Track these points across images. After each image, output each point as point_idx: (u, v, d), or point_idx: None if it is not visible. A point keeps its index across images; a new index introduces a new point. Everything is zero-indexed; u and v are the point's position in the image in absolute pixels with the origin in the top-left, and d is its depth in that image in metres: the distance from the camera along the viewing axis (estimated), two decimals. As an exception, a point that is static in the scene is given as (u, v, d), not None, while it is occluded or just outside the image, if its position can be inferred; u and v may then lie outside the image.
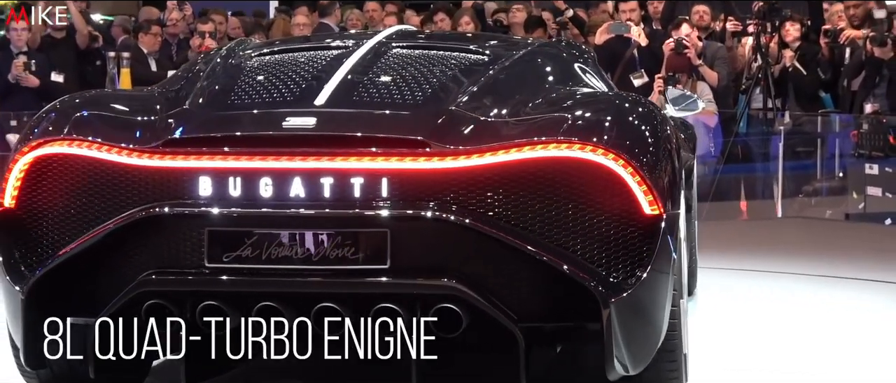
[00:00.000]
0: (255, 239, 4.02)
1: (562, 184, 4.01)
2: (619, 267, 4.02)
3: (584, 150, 3.99)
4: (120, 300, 4.07)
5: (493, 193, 4.01)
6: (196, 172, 4.07)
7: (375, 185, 4.01)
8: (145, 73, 12.00)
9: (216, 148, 4.07)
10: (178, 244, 4.08)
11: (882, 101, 11.07)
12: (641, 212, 4.00)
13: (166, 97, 4.49)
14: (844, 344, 5.76)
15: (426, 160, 4.01)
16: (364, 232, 4.01)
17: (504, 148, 4.01)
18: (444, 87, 4.37)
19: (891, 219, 10.70)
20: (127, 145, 4.14)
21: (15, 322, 4.23)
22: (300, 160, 4.02)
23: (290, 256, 4.02)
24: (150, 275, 4.07)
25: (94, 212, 4.17)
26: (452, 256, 4.01)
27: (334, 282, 4.02)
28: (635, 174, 3.98)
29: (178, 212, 4.05)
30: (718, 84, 11.12)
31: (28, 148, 4.24)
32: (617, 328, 3.96)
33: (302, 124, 4.07)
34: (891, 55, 10.87)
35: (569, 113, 4.16)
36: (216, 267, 4.04)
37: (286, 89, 4.37)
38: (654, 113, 4.30)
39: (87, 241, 4.13)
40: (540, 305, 4.06)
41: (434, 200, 4.00)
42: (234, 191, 4.04)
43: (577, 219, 4.01)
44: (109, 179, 4.16)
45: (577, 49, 5.41)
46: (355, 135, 4.06)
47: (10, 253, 4.24)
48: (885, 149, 10.66)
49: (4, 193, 4.26)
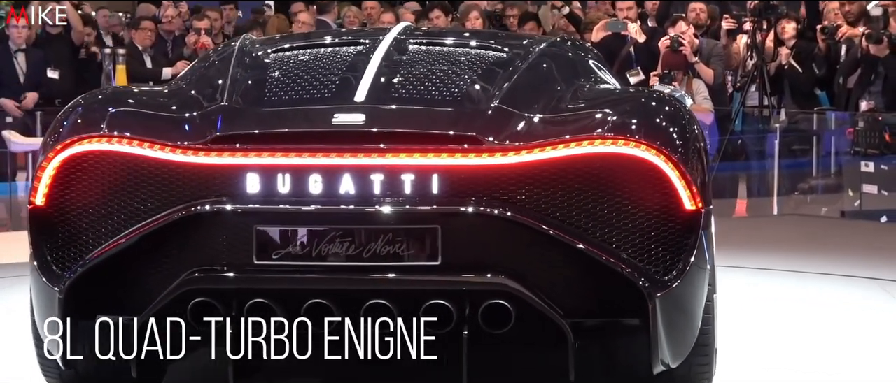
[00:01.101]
0: (304, 236, 4.02)
1: (608, 179, 4.05)
2: (662, 262, 4.06)
3: (628, 146, 4.03)
4: (165, 298, 4.03)
5: (542, 189, 4.04)
6: (245, 169, 4.04)
7: (426, 181, 4.02)
8: (141, 70, 12.00)
9: (265, 144, 4.04)
10: (224, 242, 4.05)
11: (878, 99, 11.08)
12: (683, 208, 4.05)
13: (193, 94, 4.44)
14: (839, 341, 5.77)
15: (477, 156, 4.02)
16: (415, 228, 4.01)
17: (552, 144, 4.03)
18: (481, 84, 4.39)
19: (886, 216, 10.72)
20: (171, 142, 4.10)
21: (45, 320, 4.17)
22: (350, 156, 4.02)
23: (340, 253, 4.01)
24: (196, 272, 4.04)
25: (134, 210, 4.12)
26: (502, 252, 4.03)
27: (385, 278, 4.01)
28: (677, 170, 4.03)
29: (227, 209, 4.02)
30: (714, 81, 11.12)
31: (61, 145, 4.17)
32: (660, 322, 4.00)
33: (352, 120, 4.08)
34: (886, 53, 10.88)
35: (610, 109, 4.19)
36: (265, 264, 4.02)
37: (323, 85, 4.36)
38: (685, 110, 4.37)
39: (129, 239, 4.08)
40: (583, 301, 4.09)
41: (485, 196, 4.01)
42: (283, 188, 4.03)
43: (621, 214, 4.05)
44: (152, 176, 4.11)
45: (582, 47, 5.43)
46: (408, 131, 4.07)
47: (43, 252, 4.19)
48: (880, 146, 10.67)
49: (36, 192, 4.20)
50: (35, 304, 4.26)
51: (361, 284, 4.02)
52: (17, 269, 7.83)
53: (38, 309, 4.24)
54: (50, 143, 4.23)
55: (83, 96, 4.53)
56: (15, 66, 11.57)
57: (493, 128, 4.08)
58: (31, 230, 4.21)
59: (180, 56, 12.27)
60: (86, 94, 4.58)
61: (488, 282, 4.00)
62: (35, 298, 4.26)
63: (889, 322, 6.29)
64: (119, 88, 4.78)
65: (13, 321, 6.29)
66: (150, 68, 12.13)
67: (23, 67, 11.62)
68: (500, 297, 3.99)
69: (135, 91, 4.86)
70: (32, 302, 4.29)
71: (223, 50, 5.01)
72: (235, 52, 4.74)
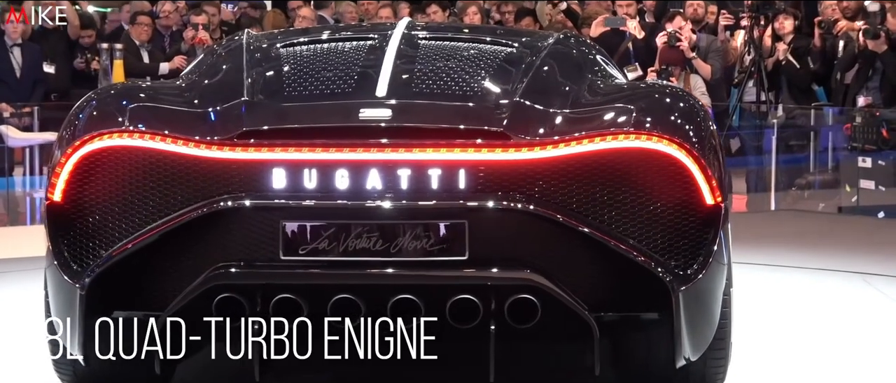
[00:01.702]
0: (332, 231, 4.01)
1: (632, 174, 4.07)
2: (684, 256, 4.09)
3: (650, 140, 4.05)
4: (190, 294, 4.01)
5: (568, 184, 4.06)
6: (271, 164, 4.02)
7: (454, 176, 4.02)
8: (138, 65, 11.99)
9: (292, 140, 4.03)
10: (250, 237, 4.03)
11: (875, 94, 11.08)
12: (704, 202, 4.08)
13: (208, 89, 4.43)
14: (837, 336, 5.77)
15: (504, 151, 4.03)
16: (443, 223, 4.01)
17: (577, 139, 4.05)
18: (499, 80, 4.41)
19: (884, 212, 10.71)
20: (196, 137, 4.08)
21: (64, 317, 4.14)
22: (377, 151, 4.02)
23: (368, 248, 4.00)
24: (222, 268, 4.02)
25: (158, 206, 4.09)
26: (529, 247, 4.04)
27: (413, 273, 4.01)
28: (697, 164, 4.06)
29: (254, 205, 4.01)
30: (712, 77, 11.12)
31: (80, 141, 4.12)
32: (683, 316, 4.03)
33: (379, 116, 4.08)
34: (884, 48, 10.88)
35: (632, 104, 4.22)
36: (292, 259, 4.01)
37: (342, 80, 4.36)
38: (701, 106, 4.41)
39: (153, 235, 4.05)
40: (607, 295, 4.11)
41: (512, 191, 4.03)
42: (309, 183, 4.02)
43: (645, 209, 4.07)
44: (176, 171, 4.09)
45: (585, 42, 5.44)
46: (436, 126, 4.08)
47: (63, 249, 4.15)
48: (877, 142, 10.67)
49: (54, 188, 4.15)
50: (53, 302, 4.22)
51: (390, 279, 4.02)
52: (16, 265, 7.84)
53: (57, 307, 4.20)
54: (67, 139, 4.19)
55: (96, 92, 4.51)
56: (11, 60, 11.57)
57: (519, 123, 4.09)
58: (50, 227, 4.16)
59: (178, 51, 12.26)
60: (99, 90, 4.54)
61: (516, 276, 4.01)
62: (53, 295, 4.21)
63: (885, 318, 6.29)
64: (131, 83, 4.74)
65: (10, 317, 6.28)
66: (147, 63, 12.12)
67: (19, 62, 11.61)
68: (526, 292, 4.00)
69: (148, 86, 4.83)
70: (49, 299, 4.25)
71: (228, 44, 5.00)
72: (244, 47, 4.73)
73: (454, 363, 4.54)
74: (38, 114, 11.39)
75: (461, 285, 4.01)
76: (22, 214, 10.76)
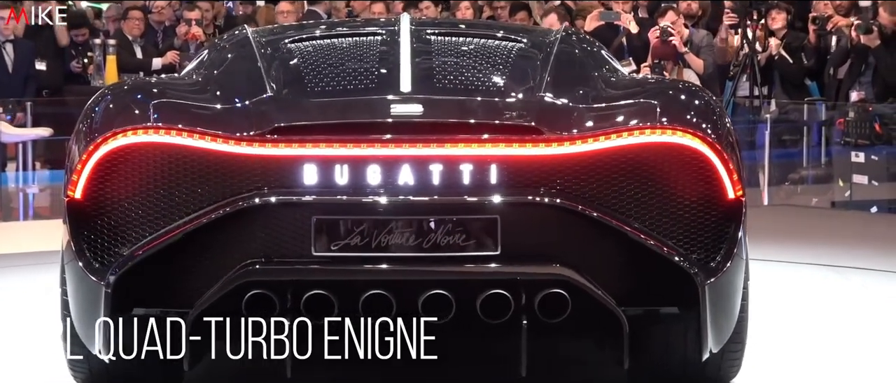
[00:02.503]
0: (364, 227, 4.01)
1: (660, 168, 4.11)
2: (709, 250, 4.13)
3: (675, 135, 4.10)
4: (220, 291, 3.99)
5: (599, 178, 4.08)
6: (304, 160, 4.02)
7: (486, 172, 4.04)
8: (131, 60, 11.99)
9: (325, 135, 4.03)
10: (281, 233, 4.02)
11: (868, 89, 11.09)
12: (728, 197, 4.13)
13: (224, 85, 4.41)
14: (829, 331, 5.78)
15: (534, 146, 4.05)
16: (475, 218, 4.03)
17: (606, 133, 4.08)
18: (520, 75, 4.43)
19: (876, 206, 10.73)
20: (227, 133, 4.05)
21: (85, 315, 4.12)
22: (410, 147, 4.03)
23: (401, 243, 4.01)
24: (252, 264, 4.00)
25: (187, 202, 4.06)
26: (560, 241, 4.06)
27: (445, 269, 4.02)
28: (720, 158, 4.11)
29: (286, 200, 4.00)
30: (704, 71, 11.12)
31: (102, 138, 4.07)
32: (708, 310, 4.07)
33: (412, 111, 4.09)
34: (876, 43, 10.89)
35: (655, 99, 4.27)
36: (324, 255, 4.01)
37: (364, 76, 4.37)
38: (717, 101, 4.47)
39: (183, 231, 4.02)
40: (635, 289, 4.15)
41: (544, 186, 4.05)
42: (341, 179, 4.02)
43: (673, 203, 4.12)
44: (205, 167, 4.06)
45: (586, 38, 5.45)
46: (470, 121, 4.10)
47: (86, 246, 4.10)
48: (870, 137, 10.68)
49: (75, 185, 4.10)
50: (73, 299, 4.18)
51: (423, 275, 4.03)
52: (8, 260, 7.83)
53: (78, 305, 4.16)
54: (88, 135, 4.13)
55: (111, 88, 4.49)
56: (4, 56, 11.55)
57: (550, 118, 4.12)
58: (71, 224, 4.12)
59: (170, 46, 12.26)
60: (112, 86, 4.51)
61: (548, 271, 4.03)
62: (73, 293, 4.18)
63: (877, 314, 6.30)
64: (143, 79, 4.69)
65: (5, 313, 6.28)
66: (140, 59, 12.12)
67: (11, 58, 11.60)
68: (558, 287, 4.01)
69: (159, 81, 4.79)
70: (67, 297, 4.21)
71: (232, 39, 4.98)
72: (253, 43, 4.71)
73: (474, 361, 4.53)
74: (31, 110, 11.37)
75: (493, 280, 4.02)
76: (15, 210, 10.75)
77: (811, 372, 5.10)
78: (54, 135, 10.85)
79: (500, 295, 4.00)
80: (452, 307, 4.00)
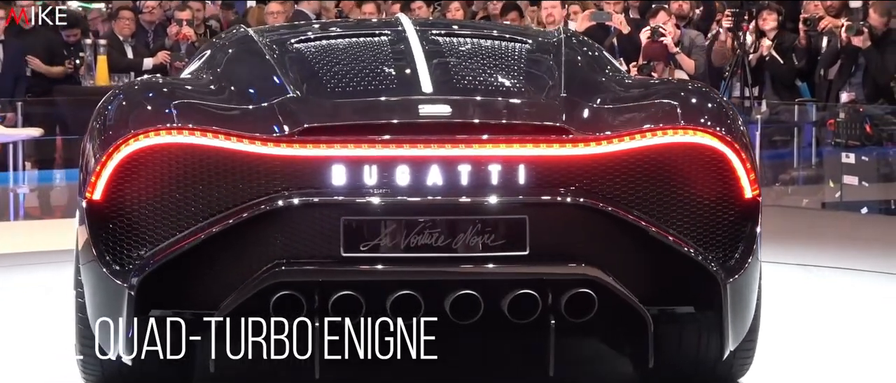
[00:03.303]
0: (393, 227, 4.00)
1: (683, 168, 4.15)
2: (730, 248, 4.17)
3: (696, 135, 4.14)
4: (248, 292, 3.96)
5: (625, 178, 4.11)
6: (332, 161, 4.00)
7: (514, 172, 4.04)
8: (122, 60, 11.98)
9: (354, 136, 4.01)
10: (309, 234, 4.00)
11: (858, 90, 11.11)
12: (746, 196, 4.18)
13: (241, 85, 4.39)
14: (820, 332, 5.78)
15: (561, 146, 4.07)
16: (504, 219, 4.03)
17: (630, 134, 4.11)
18: (538, 76, 4.46)
19: (867, 207, 10.75)
20: (255, 133, 4.03)
21: (106, 317, 4.07)
22: (438, 147, 4.03)
23: (430, 244, 4.00)
24: (280, 265, 3.98)
25: (212, 203, 4.02)
26: (587, 241, 4.08)
27: (476, 269, 4.03)
28: (739, 157, 4.17)
29: (315, 201, 3.99)
30: (695, 72, 11.13)
31: (122, 140, 4.03)
32: (729, 308, 4.11)
33: (440, 112, 4.09)
34: (867, 44, 10.90)
35: (673, 100, 4.31)
36: (353, 256, 4.00)
37: (383, 77, 4.37)
38: (729, 101, 4.55)
39: (209, 232, 3.98)
40: (658, 288, 4.18)
41: (571, 186, 4.06)
42: (370, 180, 4.01)
43: (695, 202, 4.15)
44: (232, 168, 4.02)
45: (587, 41, 5.46)
46: (500, 122, 4.11)
47: (107, 248, 4.05)
48: (861, 137, 10.70)
49: (94, 187, 4.05)
50: (92, 301, 4.14)
51: (453, 275, 4.03)
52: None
53: (98, 307, 4.12)
54: (108, 136, 4.09)
55: (123, 89, 4.47)
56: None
57: (578, 118, 4.14)
58: (91, 226, 4.06)
59: (161, 46, 12.25)
60: (124, 87, 4.49)
61: (578, 271, 4.04)
62: (93, 295, 4.13)
63: (870, 312, 6.30)
64: (152, 79, 4.63)
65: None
66: (131, 58, 12.11)
67: (0, 58, 11.58)
68: (585, 286, 4.03)
69: (168, 81, 4.77)
70: (85, 298, 4.17)
71: (233, 38, 4.98)
72: (259, 43, 4.70)
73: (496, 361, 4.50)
74: (21, 109, 11.35)
75: (522, 280, 4.03)
76: (6, 211, 10.73)
77: (803, 373, 5.10)
78: (44, 136, 10.84)
79: (528, 295, 4.02)
80: (480, 307, 4.01)
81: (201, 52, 5.13)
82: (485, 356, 5.05)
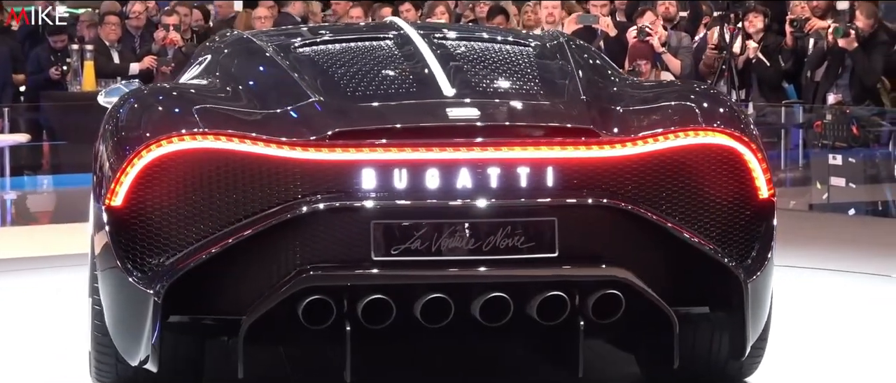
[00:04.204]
0: (424, 230, 4.00)
1: (704, 168, 4.20)
2: (749, 248, 4.23)
3: (716, 136, 4.19)
4: (278, 297, 3.95)
5: (650, 179, 4.14)
6: (362, 165, 3.99)
7: (543, 174, 4.06)
8: (108, 65, 11.96)
9: (383, 140, 4.02)
10: (339, 238, 4.00)
11: (845, 92, 11.12)
12: (761, 196, 4.25)
13: (255, 89, 4.37)
14: (808, 334, 5.78)
15: (587, 148, 4.09)
16: (533, 221, 4.05)
17: (654, 136, 4.15)
18: (557, 79, 4.48)
19: (854, 209, 10.75)
20: (285, 138, 4.01)
21: (127, 324, 4.05)
22: (467, 150, 4.03)
23: (460, 247, 4.01)
24: (310, 269, 3.97)
25: (240, 208, 4.00)
26: (614, 242, 4.11)
27: (505, 272, 4.04)
28: (757, 158, 4.23)
29: (345, 205, 3.98)
30: (681, 72, 11.14)
31: (145, 145, 3.99)
32: (749, 308, 4.15)
33: (470, 114, 4.11)
34: (854, 46, 10.92)
35: (692, 102, 4.36)
36: (384, 260, 3.99)
37: (401, 81, 4.37)
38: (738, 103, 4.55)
39: (238, 238, 3.96)
40: (681, 288, 4.22)
41: (599, 188, 4.09)
42: (401, 183, 4.01)
43: (717, 202, 4.20)
44: (260, 173, 4.00)
45: (584, 44, 5.48)
46: (532, 124, 4.14)
47: (128, 254, 4.01)
48: (848, 139, 10.72)
49: (115, 193, 4.01)
50: (113, 308, 4.10)
51: (484, 278, 4.04)
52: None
53: (119, 313, 4.09)
54: (128, 142, 4.06)
55: (133, 94, 4.46)
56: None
57: (603, 120, 4.18)
58: (112, 232, 4.02)
59: (148, 51, 12.23)
60: (135, 92, 4.51)
61: (607, 273, 4.07)
62: (114, 301, 4.09)
63: (858, 314, 6.31)
64: (160, 85, 4.57)
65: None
66: (117, 63, 12.09)
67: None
68: (613, 287, 4.05)
69: (174, 86, 4.70)
70: (105, 306, 4.12)
71: (231, 43, 4.98)
72: (263, 47, 4.68)
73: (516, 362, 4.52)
74: (8, 115, 11.33)
75: (552, 282, 4.05)
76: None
77: (792, 374, 5.10)
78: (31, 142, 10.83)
79: (557, 296, 4.04)
80: (510, 310, 4.03)
81: (200, 56, 5.11)
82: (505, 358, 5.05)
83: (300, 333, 4.07)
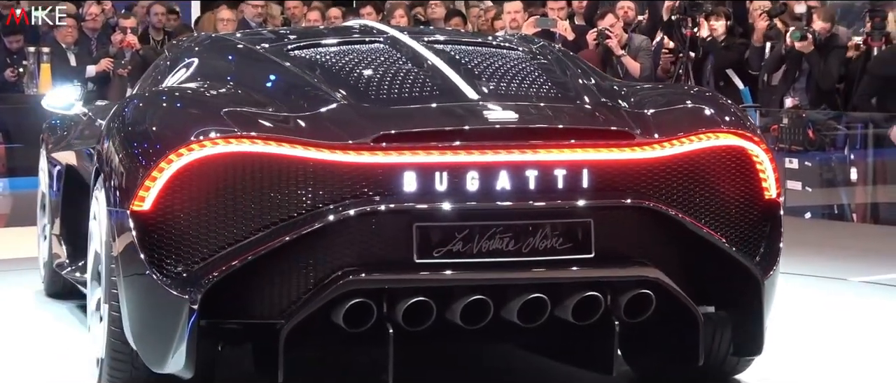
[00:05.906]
0: (465, 233, 4.03)
1: (726, 169, 4.30)
2: (762, 247, 4.34)
3: (735, 137, 4.31)
4: (320, 300, 3.94)
5: (680, 180, 4.24)
6: (404, 167, 4.02)
7: (580, 176, 4.11)
8: (65, 68, 11.90)
9: (425, 143, 4.04)
10: (380, 241, 4.00)
11: (802, 96, 11.17)
12: (770, 196, 4.37)
13: (272, 92, 4.37)
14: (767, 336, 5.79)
15: (620, 150, 4.16)
16: (570, 222, 4.12)
17: (679, 138, 4.26)
18: (575, 82, 4.57)
19: (810, 213, 10.80)
20: (325, 141, 4.01)
21: (155, 331, 4.00)
22: (506, 153, 4.06)
23: (501, 249, 4.05)
24: (352, 272, 3.96)
25: (278, 212, 3.98)
26: (646, 243, 4.18)
27: (544, 273, 4.08)
28: (769, 158, 4.34)
29: (388, 208, 3.99)
30: (640, 74, 11.16)
31: (174, 150, 3.94)
32: (766, 306, 4.30)
33: (508, 118, 4.16)
34: (811, 49, 10.97)
35: (706, 104, 4.48)
36: (427, 262, 4.01)
37: (421, 85, 4.38)
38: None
39: (279, 241, 3.94)
40: (705, 288, 4.30)
41: (634, 189, 4.15)
42: (442, 186, 4.04)
43: (736, 202, 4.31)
44: (298, 177, 3.99)
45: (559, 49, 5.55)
46: (571, 127, 4.20)
47: (159, 259, 3.97)
48: (804, 143, 10.77)
49: (144, 198, 3.96)
50: (136, 315, 4.03)
51: (524, 279, 4.09)
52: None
53: (143, 321, 4.03)
54: (155, 146, 4.00)
55: (147, 96, 4.45)
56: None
57: (637, 122, 4.26)
58: (141, 237, 3.96)
59: (105, 54, 12.17)
60: (141, 96, 4.50)
61: (641, 272, 4.14)
62: (138, 308, 4.03)
63: (814, 317, 6.33)
64: (169, 88, 4.52)
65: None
66: (74, 66, 12.04)
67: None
68: (645, 287, 4.12)
69: (179, 88, 4.66)
70: (126, 312, 4.06)
71: (213, 47, 4.97)
72: (256, 49, 4.66)
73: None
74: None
75: (588, 283, 4.10)
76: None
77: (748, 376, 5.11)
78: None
79: (592, 297, 4.10)
80: (547, 310, 4.08)
81: (179, 58, 5.05)
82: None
83: (336, 336, 4.07)
